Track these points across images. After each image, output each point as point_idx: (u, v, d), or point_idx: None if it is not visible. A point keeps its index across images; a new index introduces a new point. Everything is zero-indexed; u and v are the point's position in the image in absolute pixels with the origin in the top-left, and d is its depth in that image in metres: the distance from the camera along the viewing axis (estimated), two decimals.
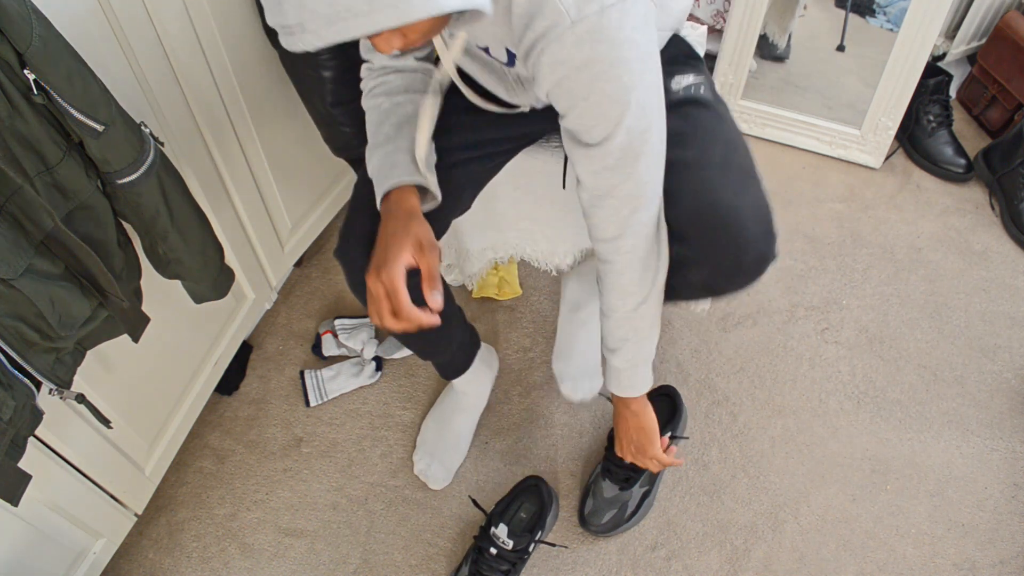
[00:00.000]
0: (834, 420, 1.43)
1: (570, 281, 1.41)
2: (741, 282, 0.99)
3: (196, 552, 1.30)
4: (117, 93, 0.86)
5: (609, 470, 1.30)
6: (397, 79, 0.99)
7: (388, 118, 0.96)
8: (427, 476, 1.35)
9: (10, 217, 0.77)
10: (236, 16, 1.17)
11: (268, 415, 1.46)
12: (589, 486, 1.32)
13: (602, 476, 1.31)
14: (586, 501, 1.30)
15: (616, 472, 1.29)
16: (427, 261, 0.86)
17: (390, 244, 0.87)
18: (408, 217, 0.89)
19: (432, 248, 0.87)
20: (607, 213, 0.89)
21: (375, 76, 1.01)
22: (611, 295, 0.98)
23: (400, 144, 0.93)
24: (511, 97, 1.01)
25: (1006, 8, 1.91)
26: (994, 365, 1.50)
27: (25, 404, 0.85)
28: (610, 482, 1.29)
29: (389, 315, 0.86)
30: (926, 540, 1.29)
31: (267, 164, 1.35)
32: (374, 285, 0.87)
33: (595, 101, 0.79)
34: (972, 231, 1.73)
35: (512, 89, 0.99)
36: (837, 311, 1.59)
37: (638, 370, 1.05)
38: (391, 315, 0.86)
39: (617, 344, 1.02)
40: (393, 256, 0.86)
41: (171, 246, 0.99)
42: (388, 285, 0.85)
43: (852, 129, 1.83)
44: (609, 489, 1.29)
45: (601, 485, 1.30)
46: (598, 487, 1.30)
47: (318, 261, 1.69)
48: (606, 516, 1.28)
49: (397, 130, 0.94)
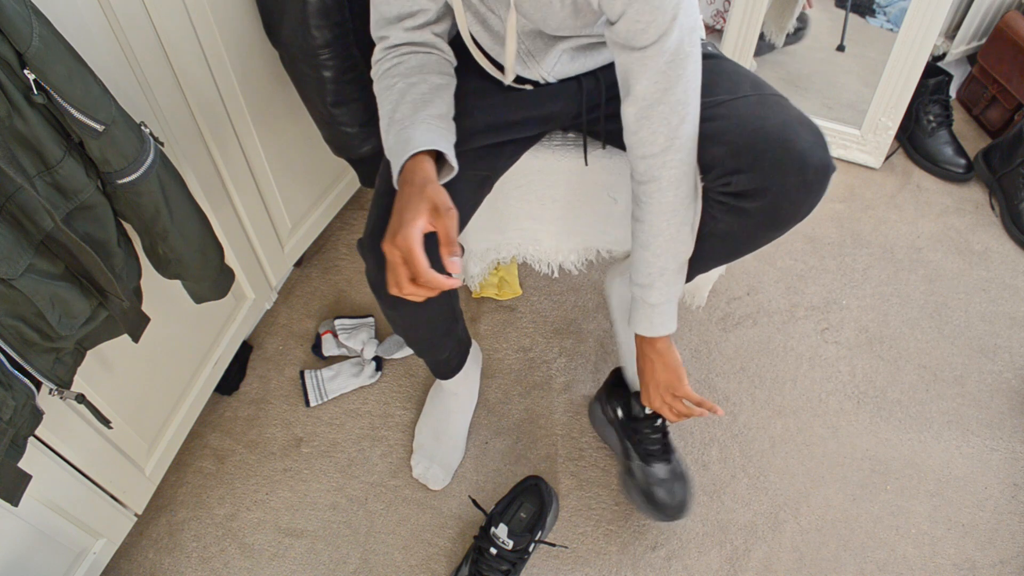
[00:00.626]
0: (834, 420, 1.43)
1: (614, 285, 1.32)
2: (808, 200, 0.96)
3: (196, 552, 1.30)
4: (117, 93, 0.86)
5: (648, 452, 1.25)
6: (412, 59, 0.99)
7: (403, 98, 0.95)
8: (427, 479, 1.35)
9: (10, 217, 0.77)
10: (236, 16, 1.17)
11: (268, 415, 1.46)
12: (645, 483, 1.25)
13: (647, 463, 1.25)
14: (655, 495, 1.23)
15: (655, 449, 1.25)
16: (444, 224, 0.84)
17: (405, 210, 0.85)
18: (423, 183, 0.87)
19: (448, 211, 0.85)
20: (656, 124, 0.91)
21: (390, 57, 1.00)
22: (655, 218, 0.97)
23: (416, 120, 0.92)
24: (522, 69, 1.03)
25: (1006, 8, 1.91)
26: (994, 365, 1.50)
27: (25, 404, 0.85)
28: (657, 463, 1.25)
29: (407, 281, 0.85)
30: (926, 540, 1.29)
31: (267, 164, 1.35)
32: (390, 252, 0.85)
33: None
34: (972, 231, 1.73)
35: (524, 60, 1.02)
36: (837, 311, 1.59)
37: (672, 305, 1.04)
38: (409, 281, 0.85)
39: (654, 278, 1.01)
40: (408, 220, 0.84)
41: (171, 246, 0.99)
42: (404, 249, 0.83)
43: (852, 129, 1.83)
44: (663, 469, 1.25)
45: (653, 471, 1.25)
46: (653, 476, 1.24)
47: (318, 261, 1.69)
48: (677, 493, 1.24)
49: (413, 110, 0.94)
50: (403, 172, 0.90)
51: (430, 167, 0.90)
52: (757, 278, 1.64)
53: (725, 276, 1.63)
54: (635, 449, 1.28)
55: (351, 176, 1.64)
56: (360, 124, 1.27)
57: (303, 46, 1.16)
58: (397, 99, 0.95)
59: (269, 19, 1.19)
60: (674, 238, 0.98)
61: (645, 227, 0.99)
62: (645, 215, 0.98)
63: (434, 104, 0.95)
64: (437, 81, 0.97)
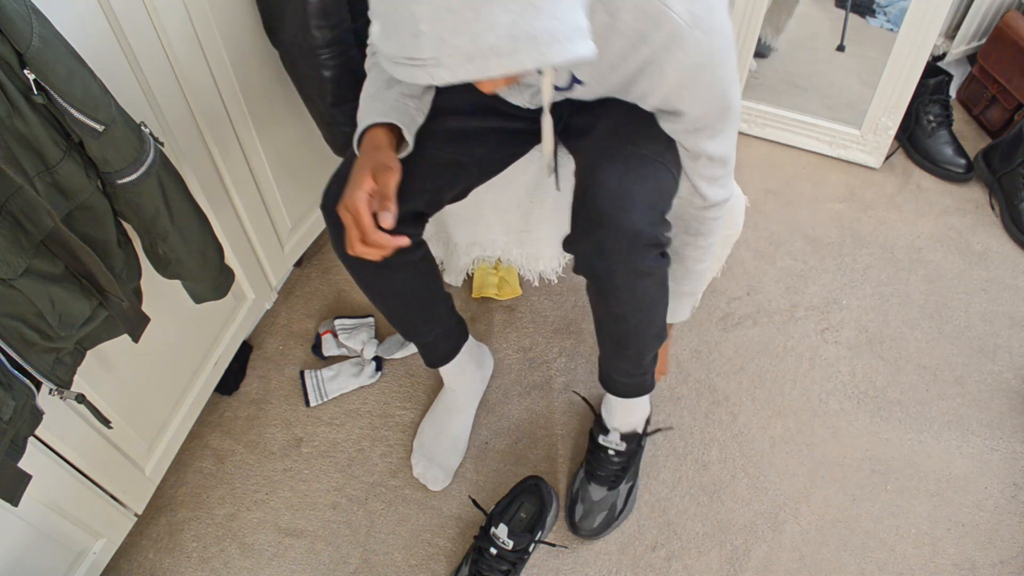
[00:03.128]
0: (834, 420, 1.43)
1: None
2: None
3: (196, 552, 1.30)
4: (117, 93, 0.86)
5: (593, 473, 1.29)
6: None
7: (383, 74, 0.99)
8: (426, 479, 1.35)
9: (10, 217, 0.77)
10: (236, 16, 1.17)
11: (268, 415, 1.46)
12: (576, 492, 1.31)
13: (587, 480, 1.30)
14: (575, 508, 1.29)
15: (601, 474, 1.29)
16: (382, 180, 0.88)
17: (356, 175, 0.89)
18: (374, 149, 0.92)
19: (386, 169, 0.89)
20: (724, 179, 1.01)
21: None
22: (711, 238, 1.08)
23: (385, 96, 0.96)
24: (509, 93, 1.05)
25: (1006, 8, 1.91)
26: (994, 365, 1.50)
27: (25, 404, 0.85)
28: (596, 484, 1.29)
29: (358, 242, 0.88)
30: (926, 540, 1.29)
31: (267, 164, 1.35)
32: (343, 214, 0.89)
33: (719, 89, 0.87)
34: (972, 231, 1.73)
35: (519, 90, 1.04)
36: (837, 311, 1.59)
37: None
38: (360, 242, 0.88)
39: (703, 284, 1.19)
40: (355, 183, 0.88)
41: (171, 246, 0.99)
42: (352, 210, 0.87)
43: (852, 129, 1.83)
44: (597, 491, 1.29)
45: (588, 489, 1.29)
46: (585, 491, 1.30)
47: (318, 261, 1.69)
48: (597, 519, 1.28)
49: (387, 85, 0.97)
50: (361, 142, 0.94)
51: (384, 136, 0.93)
52: (757, 278, 1.64)
53: (725, 276, 1.63)
54: (587, 463, 1.32)
55: None
56: None
57: (303, 46, 1.16)
58: (377, 75, 0.99)
59: (269, 19, 1.19)
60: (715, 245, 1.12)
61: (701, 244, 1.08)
62: (703, 241, 1.07)
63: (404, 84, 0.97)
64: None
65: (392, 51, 0.65)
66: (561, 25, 0.62)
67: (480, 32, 0.60)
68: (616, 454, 1.28)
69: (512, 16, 0.60)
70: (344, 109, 1.24)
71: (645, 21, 0.79)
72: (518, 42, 0.61)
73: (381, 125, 0.95)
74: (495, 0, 0.59)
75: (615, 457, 1.29)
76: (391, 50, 0.65)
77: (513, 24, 0.60)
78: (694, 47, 0.80)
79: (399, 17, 0.62)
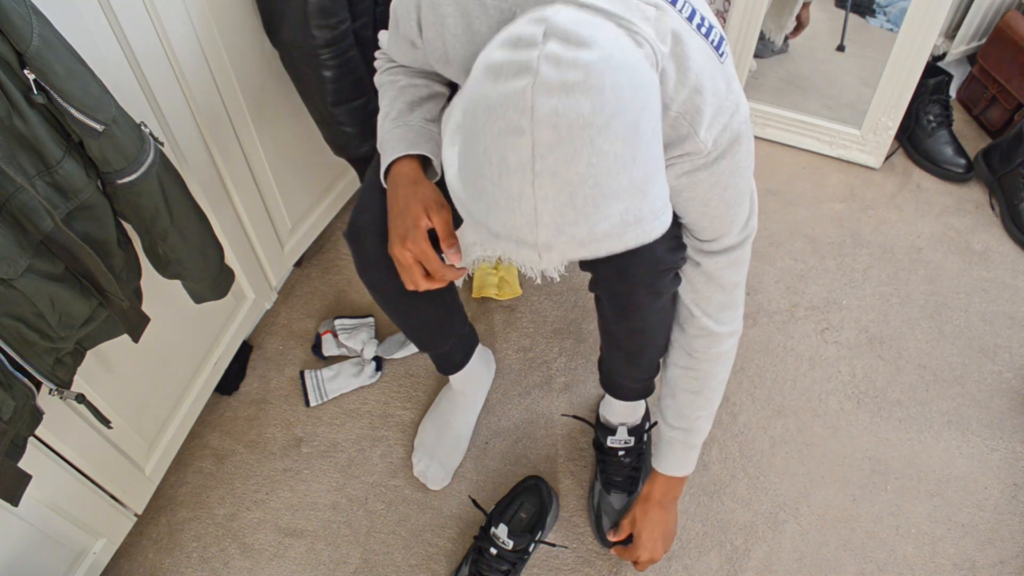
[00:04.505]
0: (834, 420, 1.43)
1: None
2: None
3: (196, 552, 1.30)
4: (117, 93, 0.86)
5: (610, 481, 1.29)
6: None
7: (402, 95, 0.98)
8: (426, 477, 1.35)
9: (10, 217, 0.77)
10: (236, 16, 1.17)
11: (268, 415, 1.46)
12: (597, 505, 1.30)
13: (605, 491, 1.30)
14: (601, 521, 1.28)
15: (618, 479, 1.29)
16: (440, 220, 0.90)
17: (406, 213, 0.90)
18: (414, 184, 0.92)
19: (443, 207, 0.90)
20: (739, 302, 1.00)
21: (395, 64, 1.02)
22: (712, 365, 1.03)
23: (409, 121, 0.95)
24: None
25: (1006, 8, 1.91)
26: (994, 365, 1.50)
27: (25, 404, 0.85)
28: (616, 492, 1.29)
29: (422, 278, 0.91)
30: (926, 540, 1.29)
31: (267, 164, 1.35)
32: (402, 254, 0.90)
33: (732, 215, 0.90)
34: (972, 231, 1.73)
35: None
36: (837, 311, 1.59)
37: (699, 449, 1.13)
38: (424, 278, 0.91)
39: (702, 422, 1.08)
40: (412, 223, 0.89)
41: (171, 246, 0.99)
42: (417, 252, 0.89)
43: (852, 129, 1.83)
44: (617, 500, 1.29)
45: (608, 499, 1.29)
46: (606, 502, 1.29)
47: (318, 261, 1.69)
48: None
49: (409, 108, 0.97)
50: (391, 172, 0.94)
51: (417, 168, 0.93)
52: (757, 278, 1.64)
53: None
54: (600, 473, 1.32)
55: (351, 176, 1.64)
56: (360, 124, 1.27)
57: (303, 46, 1.16)
58: (396, 95, 0.98)
59: (269, 19, 1.19)
60: (724, 380, 1.05)
61: (699, 373, 1.04)
62: (700, 364, 1.03)
63: (426, 107, 0.96)
64: (439, 89, 0.99)
65: (498, 229, 0.63)
66: (659, 202, 0.64)
67: (597, 222, 0.61)
68: (626, 453, 1.29)
69: (624, 203, 0.61)
70: (344, 109, 1.24)
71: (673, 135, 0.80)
72: (628, 226, 0.62)
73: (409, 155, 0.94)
74: (614, 194, 0.60)
75: (625, 458, 1.29)
76: (496, 227, 0.64)
77: (625, 211, 0.61)
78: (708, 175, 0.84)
79: (515, 204, 0.61)
